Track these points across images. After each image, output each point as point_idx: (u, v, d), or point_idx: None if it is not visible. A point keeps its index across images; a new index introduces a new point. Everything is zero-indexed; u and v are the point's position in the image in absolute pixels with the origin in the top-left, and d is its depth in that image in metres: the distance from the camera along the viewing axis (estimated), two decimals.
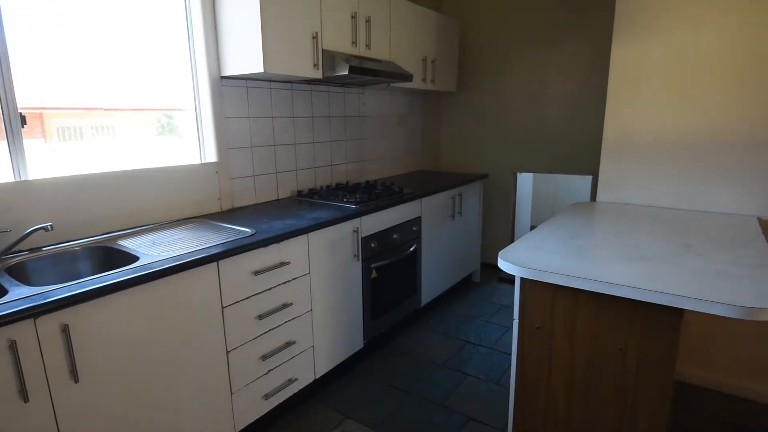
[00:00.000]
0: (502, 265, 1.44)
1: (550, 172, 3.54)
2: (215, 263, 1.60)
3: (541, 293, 1.47)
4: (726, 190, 2.09)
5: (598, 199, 2.41)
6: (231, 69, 2.11)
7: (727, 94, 2.03)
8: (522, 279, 1.50)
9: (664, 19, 2.11)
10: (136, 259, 1.53)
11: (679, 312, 1.25)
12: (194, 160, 2.21)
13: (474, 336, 2.81)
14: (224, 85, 2.20)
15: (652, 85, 2.19)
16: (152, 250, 1.61)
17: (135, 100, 2.02)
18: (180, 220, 2.07)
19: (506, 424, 2.00)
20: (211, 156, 2.20)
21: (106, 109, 1.94)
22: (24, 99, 1.64)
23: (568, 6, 3.25)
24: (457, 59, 3.54)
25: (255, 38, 1.96)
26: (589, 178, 3.38)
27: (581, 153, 3.37)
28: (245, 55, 2.02)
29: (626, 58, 2.23)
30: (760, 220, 2.02)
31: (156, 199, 1.99)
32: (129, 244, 1.69)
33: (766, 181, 2.00)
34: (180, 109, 2.16)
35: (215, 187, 2.21)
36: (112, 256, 1.67)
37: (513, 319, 1.55)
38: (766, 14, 1.90)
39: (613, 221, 1.94)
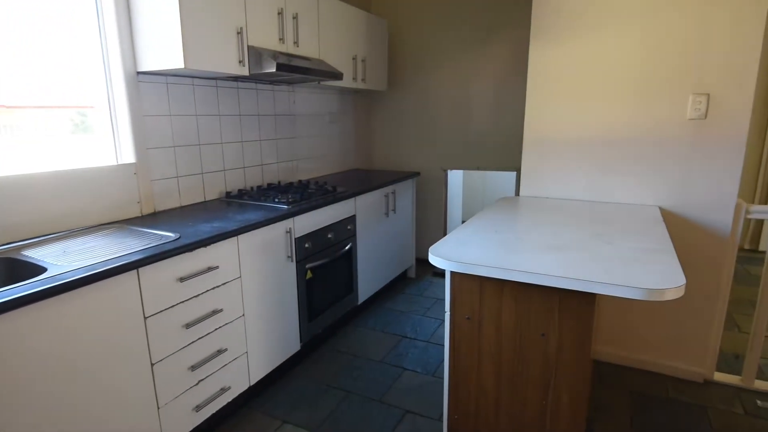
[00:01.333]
0: (433, 259, 1.48)
1: (477, 168, 3.68)
2: (135, 271, 1.51)
3: (469, 285, 1.52)
4: (631, 183, 2.29)
5: (521, 193, 2.55)
6: (148, 64, 1.99)
7: (628, 95, 2.22)
8: (452, 272, 1.55)
9: (573, 26, 2.26)
10: (43, 270, 1.40)
11: (591, 296, 1.35)
12: (110, 161, 2.06)
13: (410, 331, 2.87)
14: (141, 81, 2.07)
15: (565, 87, 2.34)
16: (62, 260, 1.48)
17: (41, 97, 1.84)
18: (95, 226, 1.92)
19: (442, 414, 2.06)
20: (128, 156, 2.07)
21: (7, 107, 1.76)
22: None
23: (492, 11, 3.39)
24: (386, 59, 3.58)
25: (174, 32, 1.86)
26: (514, 173, 3.56)
27: (506, 150, 3.54)
28: (164, 50, 1.91)
29: (542, 62, 2.37)
30: (661, 209, 2.23)
31: (67, 204, 1.84)
32: (35, 255, 1.55)
33: (665, 175, 2.21)
34: (92, 107, 2.00)
35: (134, 189, 2.08)
36: (16, 269, 1.52)
37: (445, 312, 1.60)
38: (659, 25, 2.09)
39: (534, 214, 2.06)
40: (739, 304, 3.25)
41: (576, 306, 1.38)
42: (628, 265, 1.35)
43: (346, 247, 2.71)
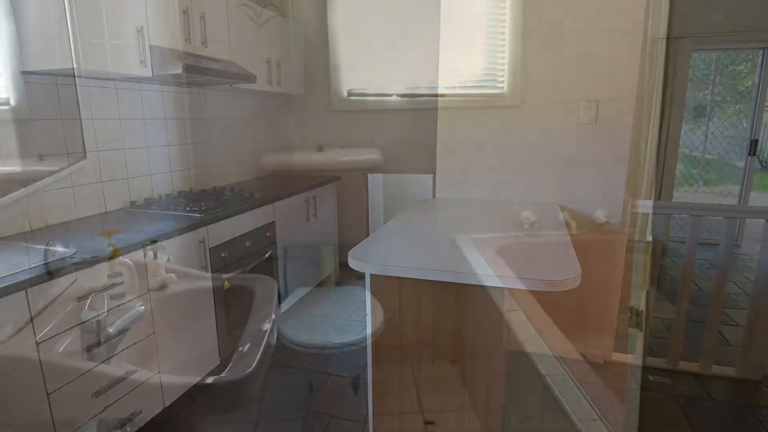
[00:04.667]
0: (352, 263, 1.49)
1: (396, 172, 3.76)
2: (23, 292, 1.35)
3: (389, 287, 1.55)
4: (535, 182, 2.46)
5: (436, 196, 2.64)
6: (34, 63, 1.80)
7: (530, 101, 2.39)
8: (371, 275, 1.56)
9: (479, 37, 2.39)
10: None
11: (501, 290, 1.43)
12: None
13: (335, 335, 2.85)
14: (28, 82, 1.86)
15: None
16: None
17: None
18: None
19: (367, 416, 2.07)
20: (12, 166, 1.85)
21: None
22: None
23: (404, 14, 3.48)
24: (303, 62, 3.54)
25: (63, 30, 1.70)
26: (431, 176, 3.68)
27: (422, 154, 3.64)
28: (52, 49, 1.74)
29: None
30: (561, 206, 2.43)
31: None
32: None
33: (563, 175, 2.41)
34: None
35: (21, 201, 1.87)
36: None
37: (367, 314, 1.62)
38: (552, 39, 2.28)
39: (448, 215, 2.15)
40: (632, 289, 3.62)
41: (488, 300, 1.45)
42: (533, 260, 1.45)
43: (266, 255, 2.64)
